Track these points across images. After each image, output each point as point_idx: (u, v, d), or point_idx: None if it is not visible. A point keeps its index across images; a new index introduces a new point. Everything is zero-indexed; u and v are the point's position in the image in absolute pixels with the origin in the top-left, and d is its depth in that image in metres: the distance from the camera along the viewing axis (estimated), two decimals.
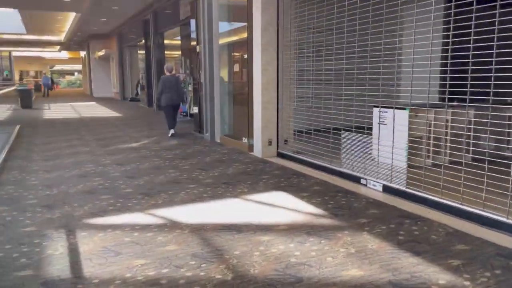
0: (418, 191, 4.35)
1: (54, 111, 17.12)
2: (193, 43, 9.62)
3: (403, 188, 4.52)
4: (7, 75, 48.30)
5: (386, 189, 4.72)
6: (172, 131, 9.36)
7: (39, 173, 5.85)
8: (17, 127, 10.43)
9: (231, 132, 8.67)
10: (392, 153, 4.73)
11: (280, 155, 6.89)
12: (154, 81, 16.79)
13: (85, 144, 8.39)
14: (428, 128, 5.22)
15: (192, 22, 9.94)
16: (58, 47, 37.56)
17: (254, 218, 3.92)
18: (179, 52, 15.83)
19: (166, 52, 17.55)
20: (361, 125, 5.31)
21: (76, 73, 60.28)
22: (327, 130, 5.70)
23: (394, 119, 4.91)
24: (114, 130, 10.53)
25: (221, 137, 8.56)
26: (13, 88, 10.10)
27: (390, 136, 4.81)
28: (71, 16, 19.65)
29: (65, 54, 50.10)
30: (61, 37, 28.62)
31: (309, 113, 6.22)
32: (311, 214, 4.02)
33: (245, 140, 7.55)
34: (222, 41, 8.62)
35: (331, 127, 5.66)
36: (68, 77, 60.52)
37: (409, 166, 4.89)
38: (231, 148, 7.81)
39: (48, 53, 50.29)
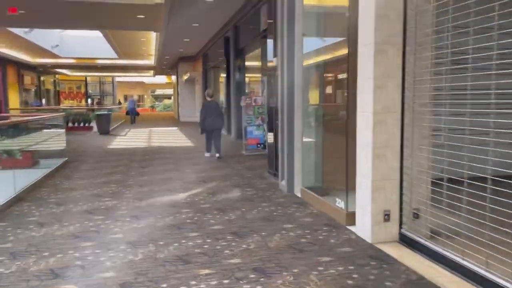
0: None
1: (127, 138, 15.80)
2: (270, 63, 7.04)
3: None
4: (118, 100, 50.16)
5: None
6: (209, 153, 9.63)
7: None
8: (61, 161, 8.73)
9: (319, 183, 5.77)
10: None
11: (406, 240, 3.82)
12: (233, 105, 14.61)
13: (119, 193, 6.15)
14: None
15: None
16: (152, 71, 38.29)
17: None
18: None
19: (251, 75, 15.38)
20: None
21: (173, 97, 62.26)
22: None
23: None
24: (170, 168, 8.29)
25: (303, 190, 5.70)
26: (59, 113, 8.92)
27: None
28: (153, 36, 18.65)
29: (164, 79, 51.84)
30: (151, 61, 28.47)
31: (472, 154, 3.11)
32: None
33: (340, 203, 4.61)
34: (308, 61, 5.86)
35: None
36: (166, 101, 62.71)
37: None
38: (318, 212, 4.92)
39: (149, 78, 52.51)
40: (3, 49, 21.87)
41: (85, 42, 25.86)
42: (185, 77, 25.96)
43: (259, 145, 10.23)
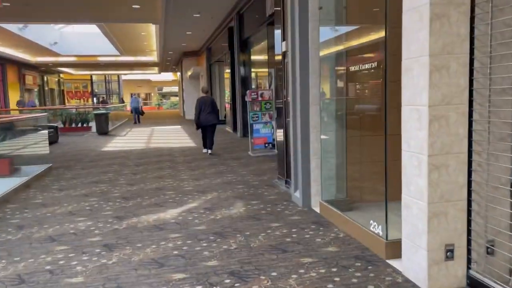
0: None
1: (126, 139, 14.77)
2: (278, 57, 5.85)
3: None
4: (122, 98, 48.75)
5: None
6: (207, 150, 9.48)
7: None
8: (44, 167, 7.70)
9: (342, 194, 4.63)
10: None
11: (476, 285, 2.68)
12: (238, 101, 13.50)
13: (98, 209, 5.08)
14: None
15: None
16: (157, 68, 37.25)
17: None
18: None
19: (257, 69, 14.20)
20: None
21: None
22: None
23: None
24: (166, 174, 7.21)
25: (323, 204, 4.56)
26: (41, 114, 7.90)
27: None
28: (153, 30, 17.56)
29: (170, 76, 50.76)
30: (154, 57, 27.44)
31: None
32: None
33: (376, 227, 3.47)
34: (328, 45, 4.71)
35: None
36: (173, 98, 61.67)
37: None
38: (344, 236, 3.79)
39: (155, 76, 51.50)
40: (0, 47, 20.98)
41: (86, 39, 24.89)
42: (189, 73, 24.88)
43: (267, 145, 9.12)
